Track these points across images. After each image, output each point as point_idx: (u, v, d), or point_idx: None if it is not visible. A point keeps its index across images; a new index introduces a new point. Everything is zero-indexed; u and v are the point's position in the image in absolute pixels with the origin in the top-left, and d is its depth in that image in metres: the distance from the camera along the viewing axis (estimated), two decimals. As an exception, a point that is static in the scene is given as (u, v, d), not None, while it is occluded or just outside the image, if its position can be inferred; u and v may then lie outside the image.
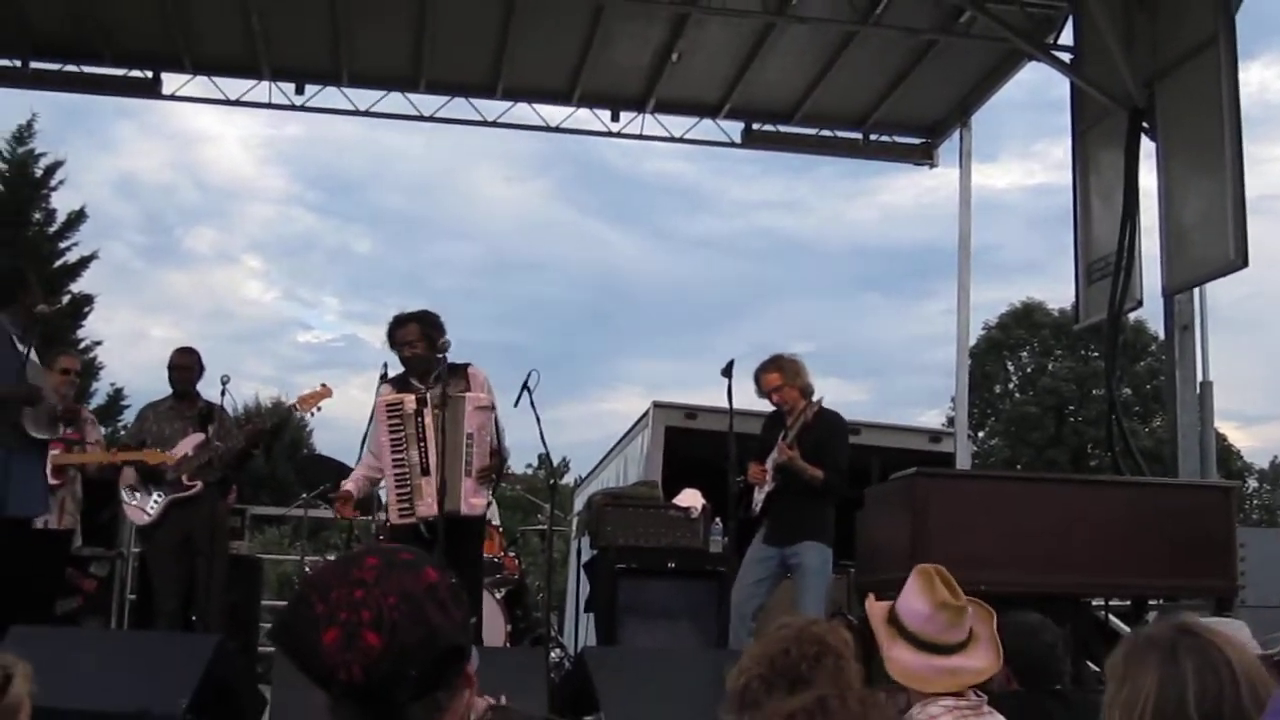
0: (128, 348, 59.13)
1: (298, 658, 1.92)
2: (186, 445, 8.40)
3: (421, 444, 7.51)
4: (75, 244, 29.00)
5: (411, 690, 1.92)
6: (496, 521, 10.26)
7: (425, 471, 7.50)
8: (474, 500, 7.59)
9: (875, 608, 3.87)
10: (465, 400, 7.52)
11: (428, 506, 7.43)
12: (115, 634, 9.17)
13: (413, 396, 7.57)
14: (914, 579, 3.78)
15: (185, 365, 8.69)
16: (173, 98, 13.47)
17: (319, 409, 8.49)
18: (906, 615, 3.74)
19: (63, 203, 29.01)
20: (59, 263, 28.18)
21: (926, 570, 3.78)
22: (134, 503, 8.39)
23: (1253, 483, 48.55)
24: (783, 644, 2.94)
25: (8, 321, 7.43)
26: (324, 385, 8.54)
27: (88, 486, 9.17)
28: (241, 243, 69.52)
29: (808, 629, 2.98)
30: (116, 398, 30.34)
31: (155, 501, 8.33)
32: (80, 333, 28.62)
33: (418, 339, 7.67)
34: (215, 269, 66.47)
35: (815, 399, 8.19)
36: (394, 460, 7.55)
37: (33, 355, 7.37)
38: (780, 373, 8.22)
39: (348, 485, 7.87)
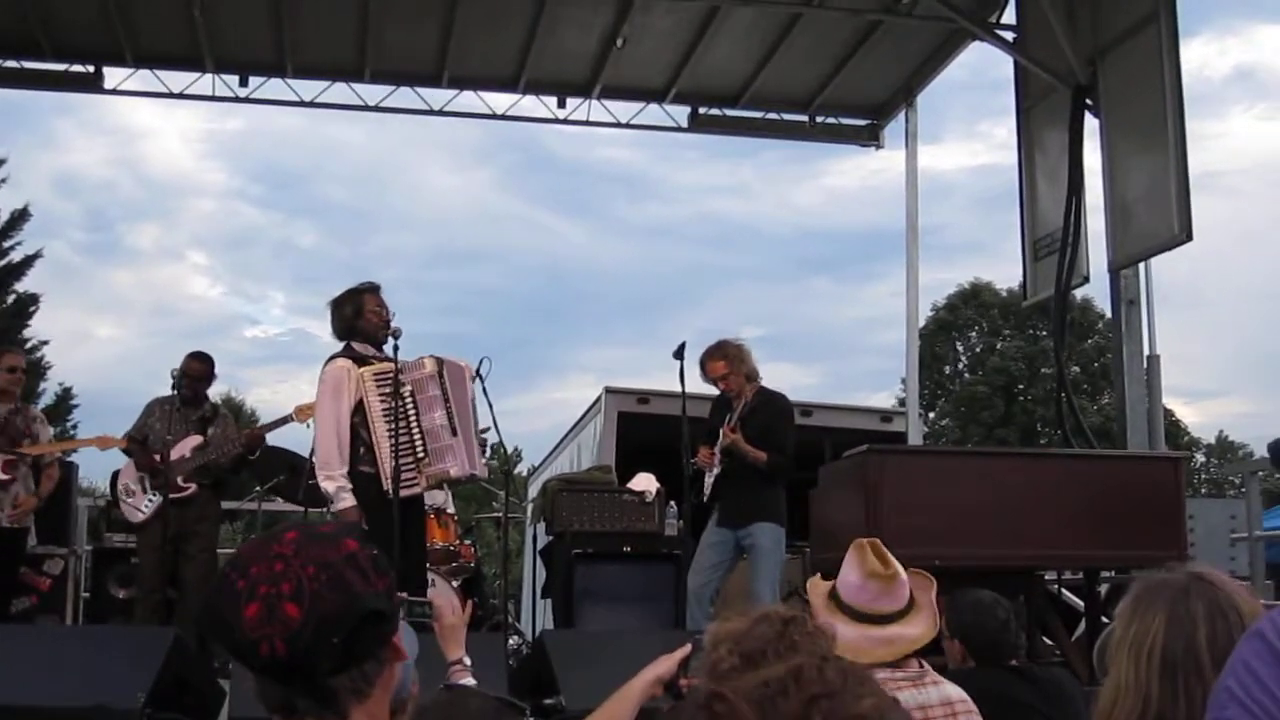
0: (73, 347, 58.73)
1: (220, 635, 1.90)
2: (184, 447, 8.37)
3: (448, 404, 7.28)
4: (19, 243, 28.75)
5: (335, 660, 1.89)
6: (451, 509, 10.25)
7: (454, 432, 7.29)
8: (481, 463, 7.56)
9: (817, 586, 3.90)
10: (464, 367, 7.45)
11: (461, 466, 7.29)
12: (70, 630, 9.11)
13: (432, 357, 7.38)
14: (850, 553, 3.82)
15: (201, 375, 8.65)
16: (115, 92, 13.38)
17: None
18: (842, 588, 3.79)
19: (4, 201, 28.76)
20: (2, 262, 27.92)
21: (860, 543, 3.82)
22: (129, 501, 8.39)
23: (1200, 457, 49.03)
24: (760, 642, 2.90)
25: None
26: None
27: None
28: (184, 239, 69.28)
29: (789, 634, 2.93)
30: (65, 397, 30.11)
31: (150, 501, 8.32)
32: (26, 333, 28.36)
33: (381, 306, 7.47)
34: (159, 266, 66.21)
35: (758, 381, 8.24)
36: (394, 429, 7.11)
37: None
38: (725, 360, 8.23)
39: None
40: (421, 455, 7.23)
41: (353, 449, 7.14)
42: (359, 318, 7.39)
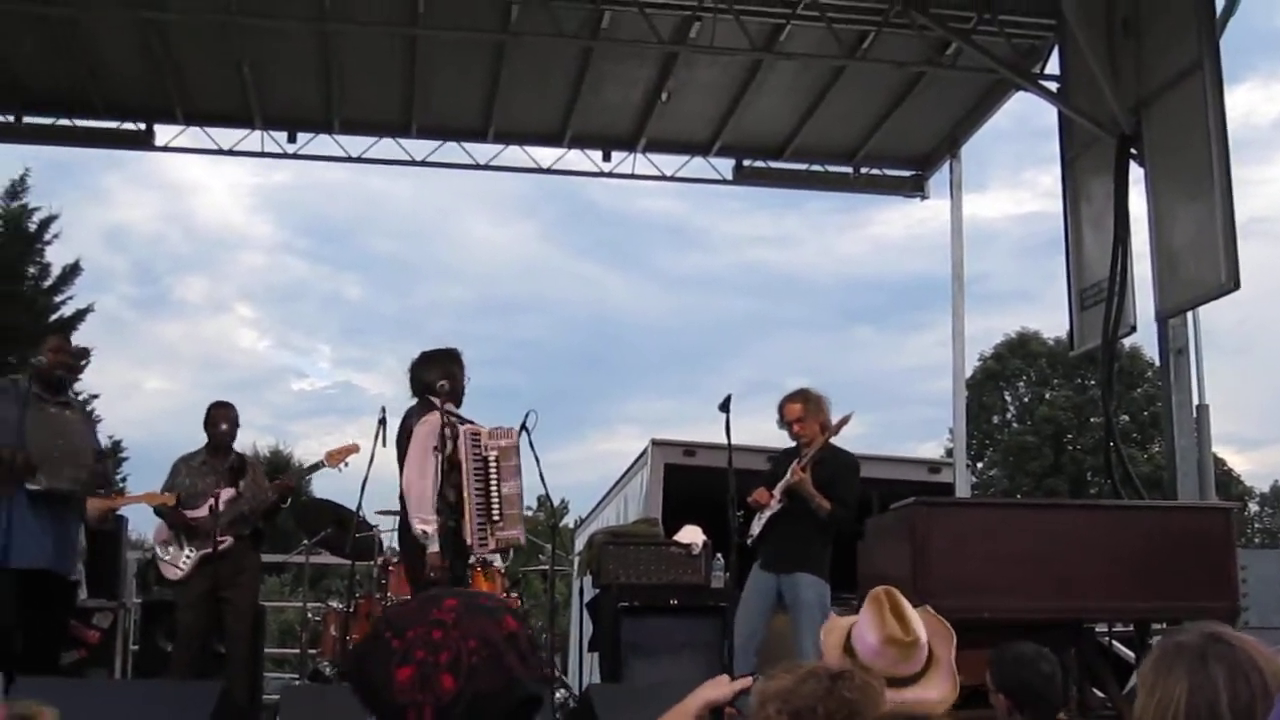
0: (121, 400, 59.19)
1: (368, 692, 1.90)
2: (219, 500, 8.39)
3: (521, 476, 7.57)
4: (70, 297, 29.03)
5: None
6: (499, 563, 10.25)
7: (522, 499, 7.70)
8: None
9: (833, 631, 3.81)
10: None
11: (516, 535, 7.60)
12: (120, 684, 9.15)
13: (516, 427, 7.62)
14: (866, 606, 3.72)
15: (230, 419, 8.69)
16: (166, 149, 13.55)
17: (347, 464, 8.52)
18: (858, 646, 3.69)
19: (56, 256, 29.06)
20: (54, 316, 28.17)
21: (878, 597, 3.72)
22: (167, 558, 8.35)
23: (1254, 506, 48.52)
24: (810, 700, 2.87)
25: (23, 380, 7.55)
26: (353, 442, 8.59)
27: (89, 536, 9.15)
28: (232, 292, 69.64)
29: (838, 690, 2.89)
30: (114, 450, 30.30)
31: (188, 557, 8.31)
32: (77, 386, 28.57)
33: (464, 372, 7.83)
34: (207, 319, 66.54)
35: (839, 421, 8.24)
36: (479, 489, 7.40)
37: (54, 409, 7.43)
38: (804, 404, 8.26)
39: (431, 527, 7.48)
40: (496, 519, 7.42)
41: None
42: (451, 380, 7.68)
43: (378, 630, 1.94)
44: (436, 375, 7.65)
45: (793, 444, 8.40)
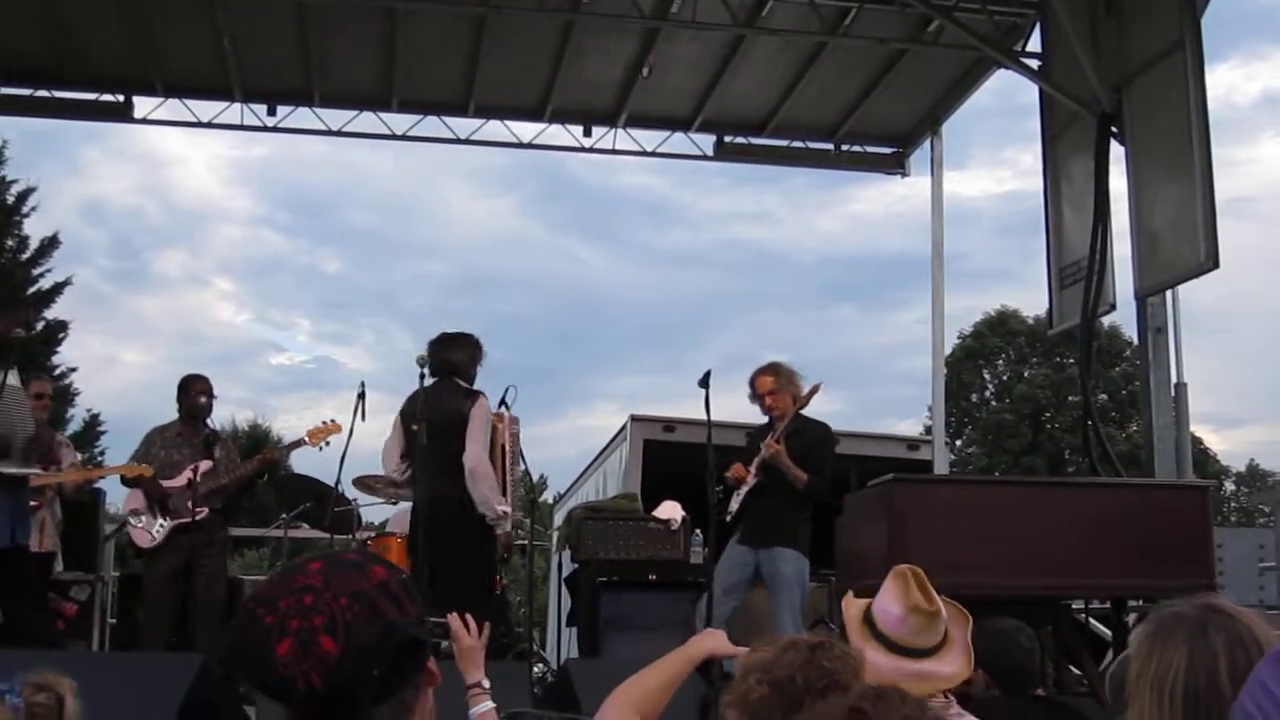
0: (101, 373, 59.01)
1: (252, 675, 1.85)
2: (197, 472, 8.39)
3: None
4: (48, 270, 28.96)
5: (375, 692, 1.85)
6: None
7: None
8: None
9: (852, 606, 3.84)
10: None
11: (519, 516, 8.32)
12: (98, 656, 9.13)
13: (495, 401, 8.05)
14: (890, 580, 3.75)
15: (207, 391, 8.68)
16: (144, 121, 13.47)
17: (328, 443, 8.54)
18: (880, 616, 3.72)
19: (34, 229, 28.95)
20: (33, 289, 28.09)
21: (903, 572, 3.75)
22: (140, 525, 8.37)
23: (1230, 485, 48.75)
24: (790, 669, 2.88)
25: None
26: (333, 420, 8.61)
27: (66, 508, 9.13)
28: (211, 265, 69.47)
29: (817, 660, 2.90)
30: (93, 423, 30.24)
31: (161, 526, 8.32)
32: (55, 359, 28.53)
33: None
34: (185, 292, 66.40)
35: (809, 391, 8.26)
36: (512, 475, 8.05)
37: (13, 379, 7.27)
38: (776, 377, 8.28)
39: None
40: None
41: None
42: (476, 365, 8.02)
43: (248, 609, 1.88)
44: (464, 357, 7.83)
45: (766, 419, 8.42)
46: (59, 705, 3.10)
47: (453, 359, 7.82)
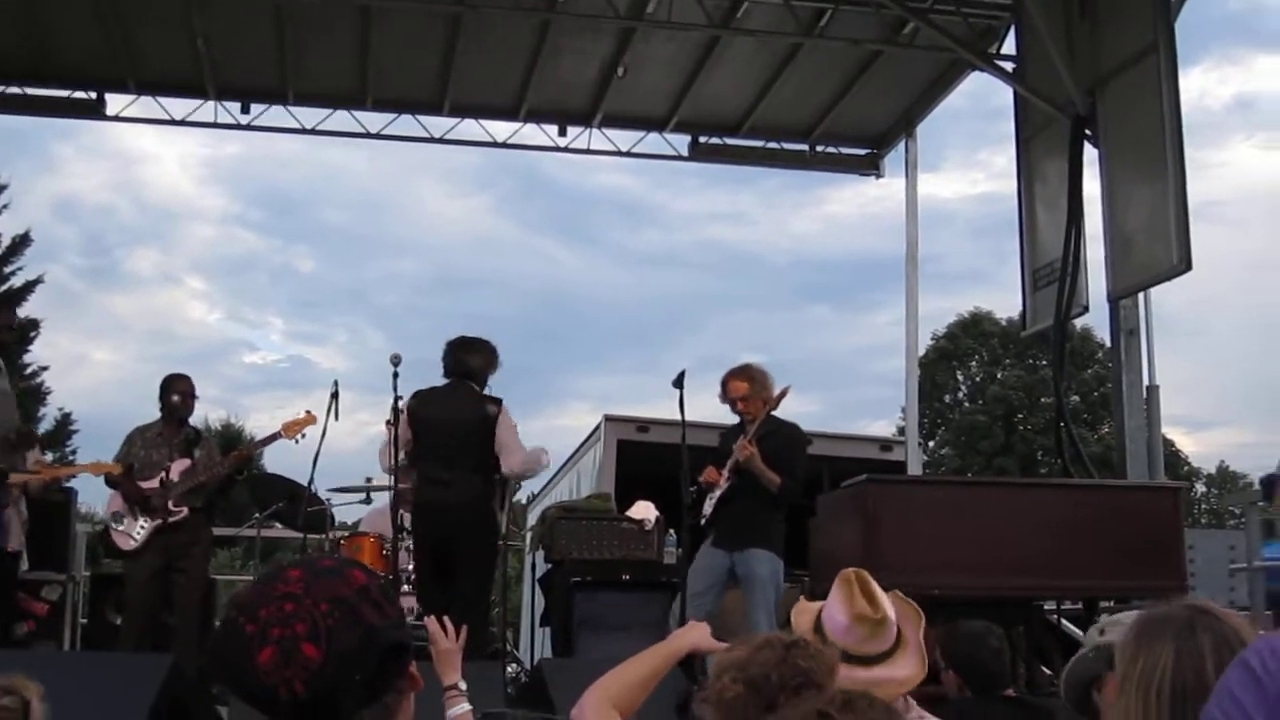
0: (72, 372, 58.75)
1: (234, 683, 1.86)
2: (173, 471, 8.35)
3: None
4: (20, 268, 28.83)
5: (358, 697, 1.85)
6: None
7: None
8: None
9: (802, 614, 3.78)
10: None
11: None
12: (69, 656, 9.08)
13: None
14: (835, 587, 3.70)
15: (187, 391, 8.65)
16: (117, 118, 13.41)
17: (304, 435, 8.50)
18: (828, 625, 3.66)
19: (5, 226, 28.82)
20: (4, 287, 27.97)
21: (847, 577, 3.69)
22: (120, 528, 8.30)
23: (1201, 487, 48.95)
24: (764, 668, 2.88)
25: None
26: (308, 412, 8.57)
27: (35, 507, 9.06)
28: (183, 264, 69.17)
29: (791, 658, 2.90)
30: (64, 422, 30.12)
31: (141, 527, 8.26)
32: (27, 358, 28.39)
33: None
34: (157, 291, 66.14)
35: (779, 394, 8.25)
36: None
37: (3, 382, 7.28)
38: (750, 382, 8.24)
39: None
40: None
41: None
42: (492, 372, 8.27)
43: (229, 618, 1.89)
44: (481, 363, 8.03)
45: (737, 420, 8.41)
46: (24, 709, 3.08)
47: (471, 363, 8.02)
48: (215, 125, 13.45)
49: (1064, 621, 9.42)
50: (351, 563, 2.02)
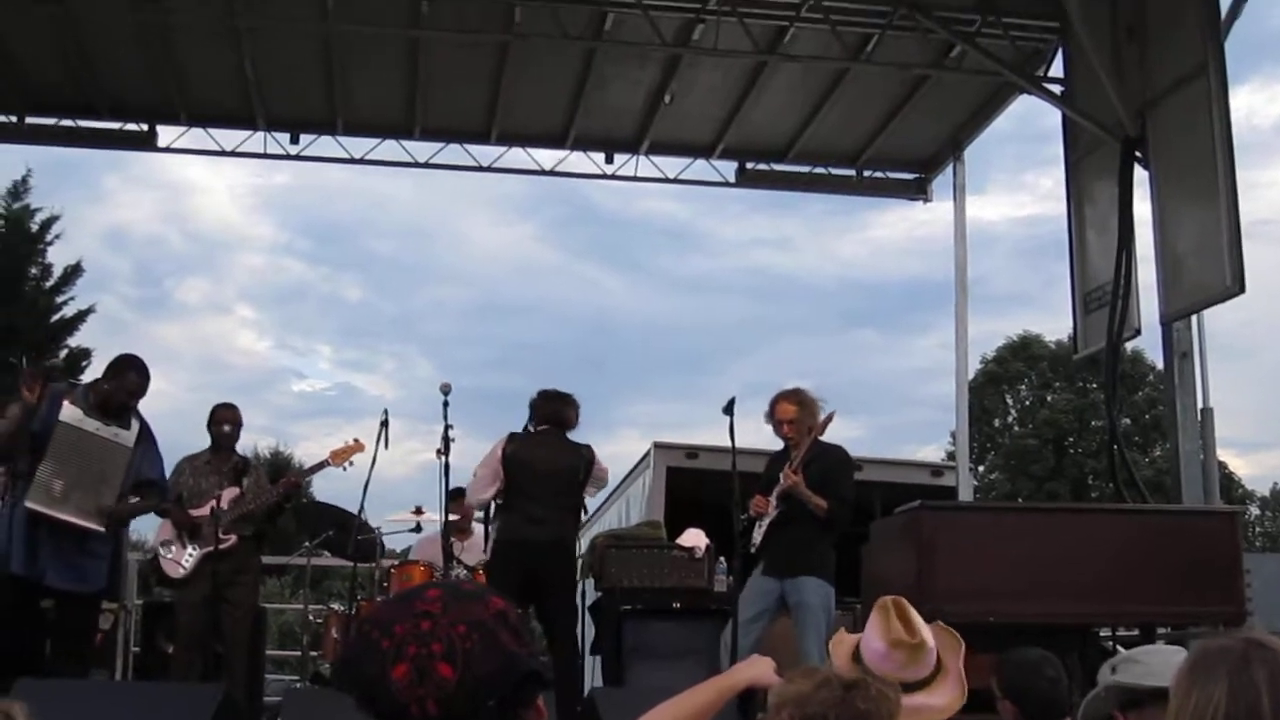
0: (123, 401, 59.00)
1: (365, 696, 1.86)
2: (223, 499, 8.38)
3: None
4: (71, 298, 29.02)
5: None
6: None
7: None
8: None
9: (841, 644, 3.73)
10: None
11: None
12: (121, 685, 9.13)
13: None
14: (873, 614, 3.64)
15: (234, 420, 8.69)
16: (168, 150, 13.52)
17: (351, 463, 8.56)
18: (865, 652, 3.60)
19: (58, 257, 29.04)
20: (56, 317, 28.17)
21: (884, 604, 3.63)
22: (169, 556, 8.33)
23: (1255, 510, 48.50)
24: (823, 707, 2.84)
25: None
26: (356, 440, 8.62)
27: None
28: (232, 293, 69.73)
29: (851, 699, 2.86)
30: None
31: (190, 555, 8.29)
32: (78, 388, 28.56)
33: None
34: (207, 320, 66.62)
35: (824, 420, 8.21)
36: None
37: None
38: (799, 406, 8.19)
39: None
40: None
41: None
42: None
43: (364, 631, 1.90)
44: (573, 415, 8.35)
45: (782, 445, 8.37)
46: None
47: (565, 415, 8.29)
48: (265, 155, 13.55)
49: (1120, 649, 9.32)
50: (489, 589, 2.03)
